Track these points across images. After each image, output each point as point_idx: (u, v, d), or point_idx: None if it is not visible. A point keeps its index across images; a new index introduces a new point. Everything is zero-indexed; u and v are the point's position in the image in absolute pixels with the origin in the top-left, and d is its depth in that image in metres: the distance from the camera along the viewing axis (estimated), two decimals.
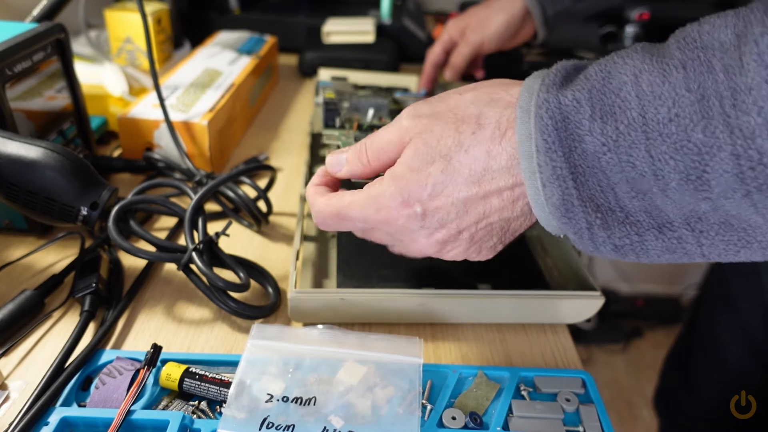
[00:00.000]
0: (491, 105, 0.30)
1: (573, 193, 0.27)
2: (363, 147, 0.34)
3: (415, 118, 0.32)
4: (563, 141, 0.27)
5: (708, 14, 0.26)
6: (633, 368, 1.51)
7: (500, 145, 0.29)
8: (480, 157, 0.30)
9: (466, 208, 0.31)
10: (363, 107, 0.60)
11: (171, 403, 0.35)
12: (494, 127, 0.30)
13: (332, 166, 0.37)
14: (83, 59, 0.74)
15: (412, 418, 0.33)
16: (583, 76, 0.27)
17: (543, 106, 0.27)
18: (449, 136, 0.30)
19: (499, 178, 0.30)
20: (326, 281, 0.46)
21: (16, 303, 0.40)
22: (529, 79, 0.29)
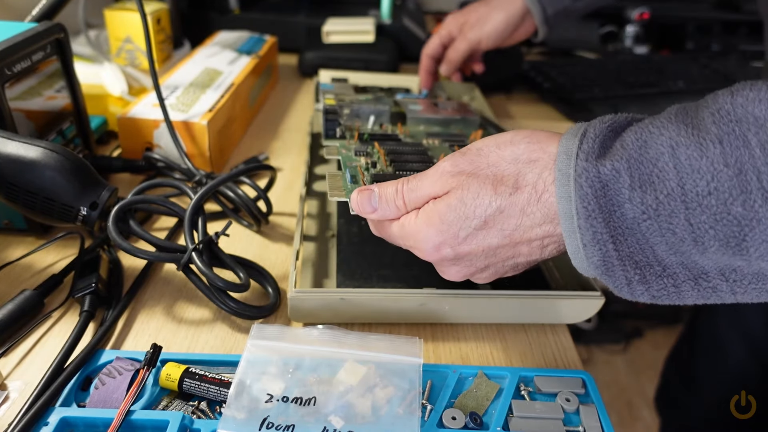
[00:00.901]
0: (529, 165, 0.31)
1: (613, 254, 0.28)
2: (400, 193, 0.35)
3: (455, 174, 0.33)
4: (603, 207, 0.27)
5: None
6: (633, 368, 1.51)
7: (536, 206, 0.30)
8: (514, 215, 0.31)
9: (495, 253, 0.33)
10: (364, 114, 0.60)
11: (171, 404, 0.35)
12: (531, 188, 0.31)
13: (363, 206, 0.37)
14: (83, 59, 0.74)
15: (412, 418, 0.33)
16: (619, 144, 0.28)
17: (582, 175, 0.28)
18: (486, 195, 0.31)
19: (530, 232, 0.31)
20: (326, 281, 0.46)
21: (16, 303, 0.40)
22: (566, 138, 0.30)
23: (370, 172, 0.45)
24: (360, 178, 0.43)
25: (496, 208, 0.31)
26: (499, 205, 0.31)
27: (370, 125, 0.59)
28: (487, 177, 0.32)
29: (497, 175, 0.31)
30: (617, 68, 0.96)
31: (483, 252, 0.33)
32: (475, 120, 0.61)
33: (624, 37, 1.15)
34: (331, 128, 0.55)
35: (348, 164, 0.46)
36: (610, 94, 0.85)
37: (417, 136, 0.56)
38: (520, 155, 0.31)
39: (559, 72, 0.92)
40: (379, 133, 0.56)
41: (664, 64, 0.98)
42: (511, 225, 0.31)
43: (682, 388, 0.87)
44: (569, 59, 1.08)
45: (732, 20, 1.18)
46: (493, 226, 0.32)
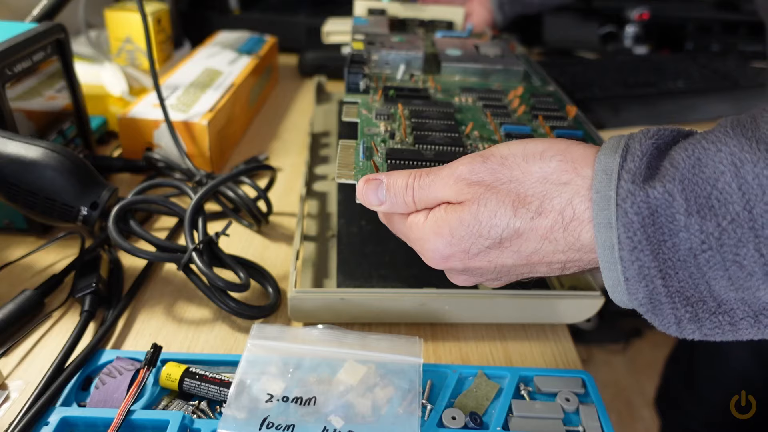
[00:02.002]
0: (558, 188, 0.27)
1: (661, 290, 0.25)
2: (410, 189, 0.31)
3: (473, 183, 0.29)
4: (651, 238, 0.24)
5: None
6: (633, 368, 1.51)
7: (560, 233, 0.27)
8: (533, 240, 0.28)
9: (508, 270, 0.30)
10: (393, 62, 0.52)
11: (171, 403, 0.35)
12: (557, 215, 0.27)
13: (368, 197, 0.33)
14: (83, 59, 0.74)
15: (412, 418, 0.33)
16: (668, 163, 0.24)
17: (628, 199, 0.24)
18: (504, 215, 0.28)
19: (550, 257, 0.28)
20: (326, 281, 0.46)
21: (16, 303, 0.40)
22: (604, 155, 0.26)
23: (387, 144, 0.39)
24: (374, 152, 0.38)
25: (513, 231, 0.28)
26: (518, 228, 0.27)
27: (400, 75, 0.51)
28: (508, 193, 0.28)
29: (520, 194, 0.28)
30: (617, 68, 0.96)
31: (495, 269, 0.30)
32: (518, 71, 0.53)
33: (624, 37, 1.15)
34: (353, 81, 0.48)
35: (365, 131, 0.41)
36: (610, 94, 0.85)
37: (450, 90, 0.50)
38: (549, 174, 0.27)
39: (559, 72, 0.92)
40: (408, 87, 0.49)
41: (664, 64, 0.98)
42: (529, 249, 0.28)
43: (683, 389, 0.87)
44: (569, 59, 1.08)
45: (732, 20, 1.17)
46: (509, 247, 0.28)
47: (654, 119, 0.82)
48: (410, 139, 0.40)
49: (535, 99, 0.49)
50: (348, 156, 0.38)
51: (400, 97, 0.47)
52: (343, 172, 0.36)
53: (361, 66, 0.49)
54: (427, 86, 0.50)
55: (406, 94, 0.48)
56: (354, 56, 0.51)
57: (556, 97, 0.50)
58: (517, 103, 0.47)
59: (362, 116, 0.43)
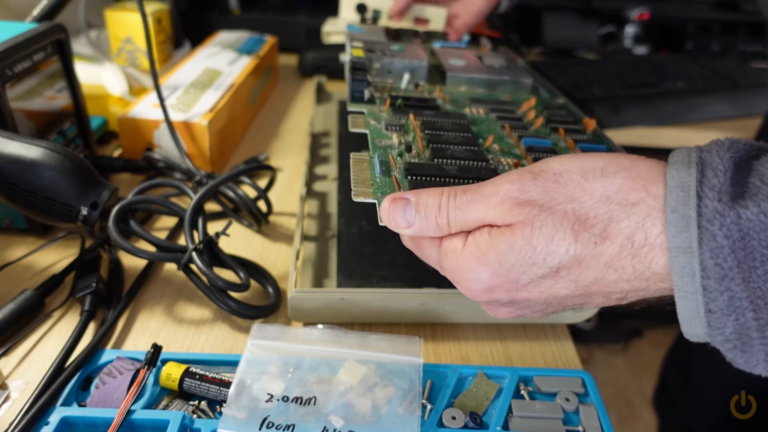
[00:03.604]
0: (625, 209, 0.24)
1: (752, 324, 0.22)
2: (444, 210, 0.27)
3: (523, 203, 0.25)
4: (742, 264, 0.21)
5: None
6: (633, 368, 1.51)
7: (628, 261, 0.24)
8: (595, 268, 0.24)
9: (560, 301, 0.27)
10: (397, 71, 0.50)
11: (171, 403, 0.35)
12: (625, 240, 0.24)
13: (396, 220, 0.29)
14: (83, 59, 0.74)
15: (412, 417, 0.33)
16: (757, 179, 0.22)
17: (715, 221, 0.21)
18: (563, 240, 0.24)
19: (612, 286, 0.25)
20: (326, 281, 0.46)
21: (17, 303, 0.40)
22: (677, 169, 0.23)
23: (404, 158, 0.36)
24: (392, 167, 0.35)
25: (573, 258, 0.24)
26: (579, 254, 0.24)
27: (404, 85, 0.49)
28: (565, 215, 0.24)
29: (580, 216, 0.24)
30: (617, 68, 0.96)
31: (545, 300, 0.27)
32: (526, 83, 0.52)
33: (624, 37, 1.15)
34: (358, 89, 0.45)
35: (377, 143, 0.38)
36: (610, 95, 0.85)
37: (458, 101, 0.48)
38: (613, 193, 0.24)
39: (559, 72, 0.92)
40: (415, 98, 0.46)
41: (664, 64, 0.98)
42: (589, 278, 0.25)
43: (682, 388, 0.87)
44: (569, 59, 1.08)
45: (732, 20, 1.18)
46: (566, 276, 0.25)
47: (654, 119, 0.82)
48: (428, 153, 0.37)
49: (548, 111, 0.47)
50: (362, 171, 0.35)
51: (409, 107, 0.44)
52: (360, 189, 0.33)
53: (365, 74, 0.46)
54: (434, 96, 0.48)
55: (414, 104, 0.45)
56: (356, 63, 0.48)
57: (568, 110, 0.48)
58: (533, 115, 0.45)
59: (371, 127, 0.41)
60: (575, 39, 1.13)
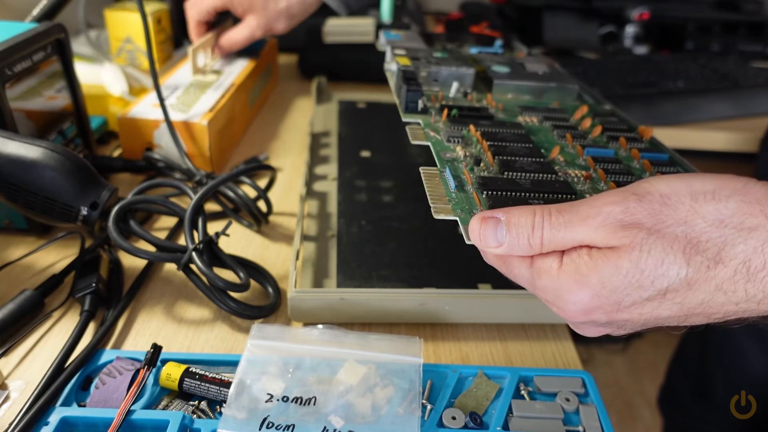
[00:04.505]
0: (741, 234, 0.23)
1: None
2: (539, 230, 0.27)
3: (629, 226, 0.25)
4: None
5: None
6: (633, 368, 1.51)
7: (741, 285, 0.24)
8: (705, 291, 0.24)
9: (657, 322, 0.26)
10: (444, 79, 0.49)
11: (171, 403, 0.35)
12: (740, 264, 0.23)
13: (487, 240, 0.28)
14: (83, 59, 0.74)
15: (412, 418, 0.33)
16: None
17: None
18: (674, 264, 0.24)
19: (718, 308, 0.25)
20: (326, 281, 0.46)
21: (16, 303, 0.40)
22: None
23: (475, 172, 0.36)
24: (466, 181, 0.34)
25: (683, 281, 0.24)
26: (690, 278, 0.24)
27: (452, 93, 0.48)
28: (676, 238, 0.24)
29: (692, 239, 0.24)
30: (617, 68, 0.96)
31: (644, 321, 0.26)
32: (573, 89, 0.50)
33: (624, 37, 1.15)
34: (413, 100, 0.43)
35: (442, 155, 0.37)
36: (610, 95, 0.85)
37: (510, 109, 0.47)
38: (727, 217, 0.24)
39: None
40: (467, 107, 0.45)
41: (664, 64, 0.98)
42: (696, 300, 0.24)
43: (690, 390, 0.87)
44: (569, 59, 1.08)
45: (732, 20, 1.18)
46: (672, 299, 0.25)
47: (654, 119, 0.82)
48: (496, 165, 0.36)
49: (599, 118, 0.45)
50: (436, 186, 0.34)
51: (463, 116, 0.43)
52: (440, 206, 0.32)
53: (418, 84, 0.44)
54: (486, 105, 0.47)
55: (468, 113, 0.44)
56: (407, 73, 0.46)
57: (619, 117, 0.47)
58: (588, 124, 0.44)
59: (431, 138, 0.39)
60: (575, 39, 1.13)
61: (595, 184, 0.35)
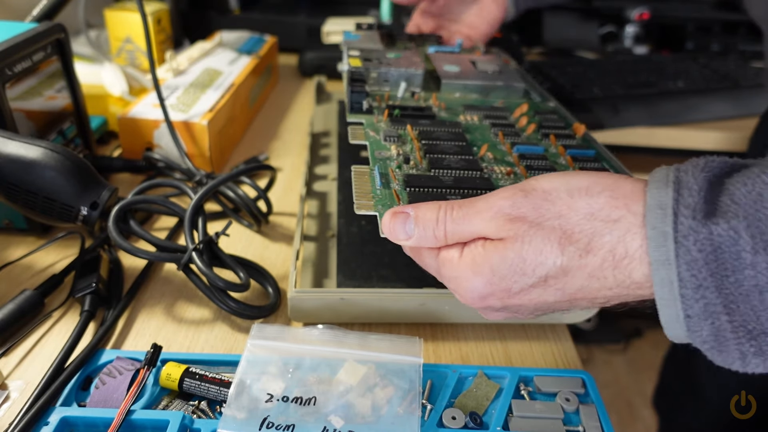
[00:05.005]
0: (608, 225, 0.26)
1: (726, 326, 0.24)
2: (442, 223, 0.30)
3: (515, 219, 0.28)
4: (715, 274, 0.23)
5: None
6: (633, 368, 1.51)
7: (610, 272, 0.26)
8: (580, 278, 0.27)
9: (549, 307, 0.29)
10: (393, 79, 0.51)
11: (171, 403, 0.35)
12: (608, 253, 0.26)
13: (396, 233, 0.31)
14: (83, 59, 0.74)
15: (412, 418, 0.33)
16: (728, 199, 0.24)
17: (690, 237, 0.23)
18: (550, 254, 0.27)
19: (596, 293, 0.27)
20: (326, 281, 0.46)
21: (16, 303, 0.40)
22: (656, 188, 0.25)
23: (402, 170, 0.38)
24: (391, 179, 0.37)
25: (559, 269, 0.27)
26: (565, 266, 0.26)
27: (401, 93, 0.50)
28: (553, 230, 0.27)
29: (566, 231, 0.26)
30: (617, 68, 0.96)
31: (535, 306, 0.29)
32: (519, 87, 0.53)
33: (624, 37, 1.15)
34: (357, 101, 0.46)
35: (376, 155, 0.39)
36: (610, 94, 0.85)
37: (453, 108, 0.49)
38: (597, 211, 0.26)
39: (559, 72, 0.92)
40: (411, 106, 0.47)
41: (664, 64, 0.98)
42: (575, 286, 0.27)
43: (682, 388, 0.87)
44: (569, 59, 1.08)
45: (732, 20, 1.17)
46: (553, 285, 0.27)
47: (654, 119, 0.82)
48: (425, 163, 0.39)
49: (540, 116, 0.47)
50: (363, 183, 0.36)
51: (406, 116, 0.45)
52: (362, 202, 0.34)
53: (363, 84, 0.47)
54: (430, 104, 0.49)
55: (411, 113, 0.46)
56: (354, 74, 0.49)
57: (560, 114, 0.49)
58: (525, 122, 0.45)
59: (370, 138, 0.42)
60: (575, 39, 1.13)
61: (517, 180, 0.37)
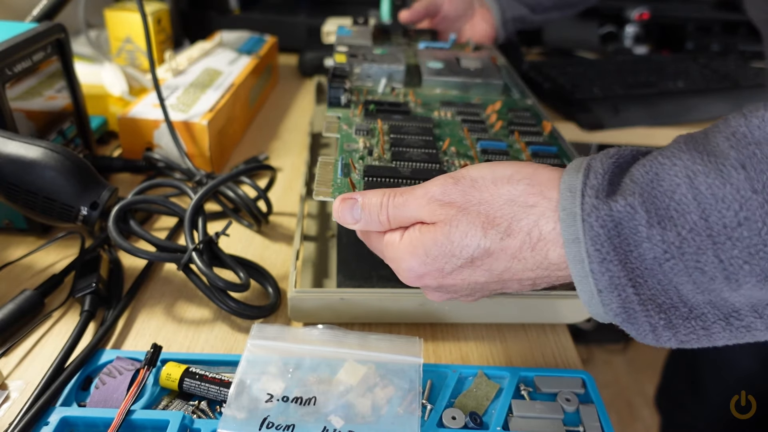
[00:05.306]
0: (525, 210, 0.28)
1: (633, 299, 0.26)
2: (385, 208, 0.32)
3: (445, 204, 0.30)
4: (618, 248, 0.25)
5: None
6: (633, 368, 1.51)
7: (529, 253, 0.28)
8: (503, 259, 0.29)
9: (481, 287, 0.31)
10: (375, 75, 0.53)
11: (171, 403, 0.35)
12: (525, 235, 0.28)
13: (344, 216, 0.33)
14: (83, 59, 0.74)
15: (412, 418, 0.33)
16: (628, 179, 0.26)
17: (592, 214, 0.25)
18: (474, 236, 0.29)
19: (520, 274, 0.29)
20: (326, 281, 0.46)
21: (16, 303, 0.40)
22: (568, 175, 0.28)
23: (365, 161, 0.40)
24: (351, 170, 0.39)
25: (484, 251, 0.29)
26: (488, 248, 0.29)
27: (381, 89, 0.52)
28: (478, 215, 0.29)
29: (489, 215, 0.29)
30: (617, 68, 0.96)
31: (468, 285, 0.31)
32: (497, 85, 0.55)
33: (624, 37, 1.15)
34: (335, 96, 0.48)
35: (345, 146, 0.42)
36: (610, 94, 0.85)
37: (431, 103, 0.51)
38: (516, 197, 0.29)
39: (559, 72, 0.92)
40: (388, 102, 0.50)
41: (664, 64, 0.98)
42: (500, 267, 0.29)
43: (685, 387, 0.87)
44: (569, 59, 1.08)
45: (732, 20, 1.17)
46: (480, 266, 0.30)
47: (654, 119, 0.82)
48: (388, 155, 0.41)
49: (512, 113, 0.49)
50: (326, 173, 0.38)
51: (381, 111, 0.47)
52: (321, 189, 0.37)
53: (343, 80, 0.50)
54: (408, 100, 0.51)
55: (387, 108, 0.48)
56: (336, 70, 0.51)
57: (533, 111, 0.51)
58: (494, 118, 0.48)
59: (342, 131, 0.44)
60: (575, 39, 1.13)
61: None
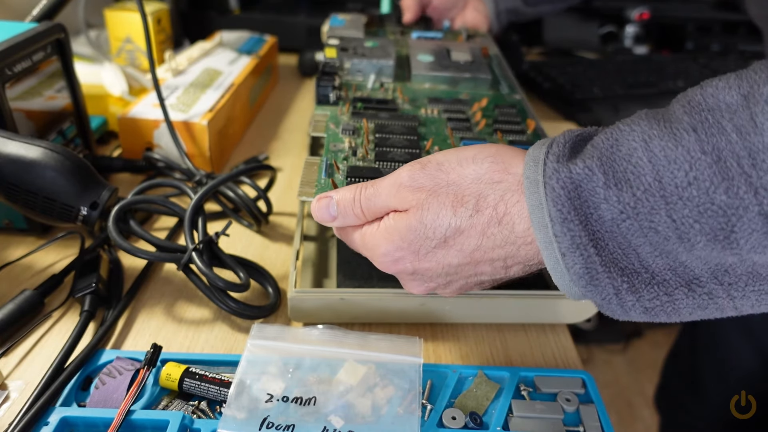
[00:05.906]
0: (491, 186, 0.30)
1: (596, 260, 0.26)
2: (357, 202, 0.34)
3: (415, 190, 0.31)
4: (578, 210, 0.26)
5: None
6: (633, 368, 1.51)
7: (496, 228, 0.29)
8: (474, 236, 0.30)
9: (455, 271, 0.32)
10: (365, 69, 0.53)
11: (171, 403, 0.35)
12: (492, 210, 0.29)
13: (322, 215, 0.35)
14: (83, 59, 0.74)
15: (412, 418, 0.33)
16: (590, 145, 0.27)
17: (553, 177, 0.26)
18: (445, 215, 0.30)
19: (491, 253, 0.30)
20: (326, 281, 0.46)
21: (16, 303, 0.40)
22: (533, 149, 0.29)
23: (349, 161, 0.41)
24: (335, 170, 0.39)
25: (455, 229, 0.30)
26: (459, 225, 0.30)
27: (370, 84, 0.52)
28: (447, 196, 0.30)
29: (457, 195, 0.30)
30: (617, 68, 0.96)
31: (443, 269, 0.32)
32: (485, 79, 0.55)
33: (624, 37, 1.15)
34: (323, 93, 0.48)
35: (331, 147, 0.42)
36: (610, 94, 0.85)
37: (417, 100, 0.51)
38: (482, 175, 0.30)
39: (559, 72, 0.92)
40: (376, 99, 0.50)
41: (664, 64, 0.98)
42: (471, 245, 0.30)
43: (684, 387, 0.87)
44: (569, 59, 1.08)
45: (732, 20, 1.17)
46: (453, 245, 0.31)
47: None
48: (372, 155, 0.42)
49: (498, 110, 0.49)
50: (311, 173, 0.39)
51: (369, 109, 0.48)
52: (305, 190, 0.37)
53: (332, 77, 0.49)
54: (395, 96, 0.51)
55: (374, 106, 0.48)
56: (325, 67, 0.51)
57: (519, 108, 0.50)
58: (479, 116, 0.48)
59: (329, 131, 0.44)
60: (575, 39, 1.13)
61: None
